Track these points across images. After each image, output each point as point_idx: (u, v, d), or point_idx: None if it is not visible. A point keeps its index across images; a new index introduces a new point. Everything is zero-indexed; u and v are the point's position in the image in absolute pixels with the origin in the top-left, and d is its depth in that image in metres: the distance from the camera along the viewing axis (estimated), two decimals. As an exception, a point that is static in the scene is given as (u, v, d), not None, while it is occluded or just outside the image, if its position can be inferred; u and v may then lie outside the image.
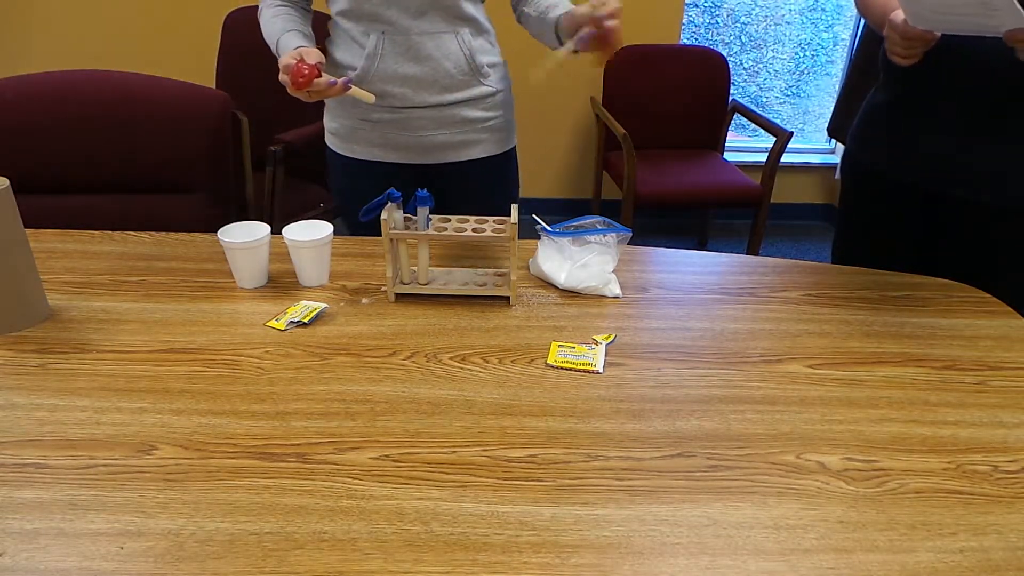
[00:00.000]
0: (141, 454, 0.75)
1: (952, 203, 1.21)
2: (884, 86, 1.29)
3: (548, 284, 1.12)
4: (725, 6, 3.23)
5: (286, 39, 1.20)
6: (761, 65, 3.37)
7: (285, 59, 1.12)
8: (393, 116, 1.28)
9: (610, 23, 1.04)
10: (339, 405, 0.84)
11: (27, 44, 3.03)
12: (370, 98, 1.17)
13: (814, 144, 3.48)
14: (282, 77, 1.12)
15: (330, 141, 1.38)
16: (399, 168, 1.35)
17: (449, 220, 1.06)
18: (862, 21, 3.00)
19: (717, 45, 3.30)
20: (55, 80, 1.59)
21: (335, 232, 1.10)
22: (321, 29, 1.28)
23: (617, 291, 1.09)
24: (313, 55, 1.11)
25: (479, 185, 1.39)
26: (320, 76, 1.09)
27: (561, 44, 1.21)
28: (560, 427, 0.81)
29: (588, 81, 3.11)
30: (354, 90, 1.14)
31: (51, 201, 1.57)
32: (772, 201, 2.74)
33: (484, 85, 1.31)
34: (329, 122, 1.37)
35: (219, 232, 1.06)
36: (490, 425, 0.81)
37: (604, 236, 1.12)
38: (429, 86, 1.26)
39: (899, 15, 1.02)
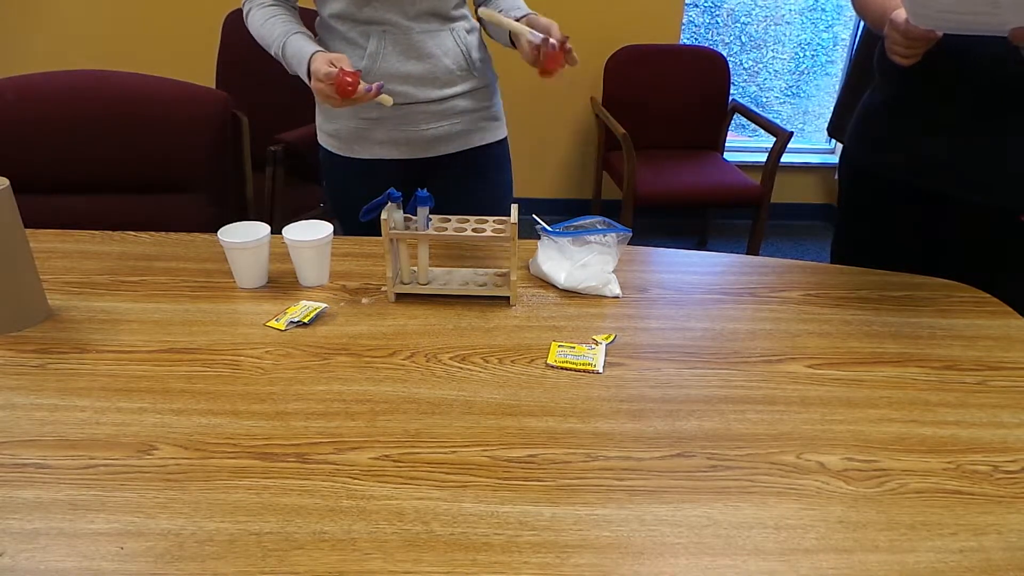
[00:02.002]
0: (141, 454, 0.75)
1: (949, 203, 1.21)
2: (880, 87, 1.29)
3: (548, 284, 1.12)
4: (725, 6, 3.23)
5: (296, 42, 1.19)
6: (761, 65, 3.37)
7: (321, 67, 1.10)
8: (395, 113, 1.30)
9: (566, 46, 1.11)
10: (339, 405, 0.84)
11: (27, 44, 3.03)
12: (389, 101, 1.17)
13: (814, 144, 3.48)
14: (319, 86, 1.11)
15: (328, 144, 1.38)
16: (401, 164, 1.36)
17: (449, 220, 1.06)
18: (862, 21, 3.01)
19: (717, 45, 3.30)
20: (55, 80, 1.59)
21: (334, 232, 1.10)
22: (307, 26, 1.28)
23: (617, 291, 1.09)
24: (346, 61, 1.12)
25: (479, 173, 1.41)
26: (359, 84, 1.10)
27: (512, 42, 1.25)
28: (560, 427, 0.81)
29: (588, 81, 3.11)
30: (381, 95, 1.15)
31: (51, 201, 1.57)
32: (772, 201, 2.73)
33: (475, 78, 1.35)
34: (326, 125, 1.37)
35: (219, 232, 1.06)
36: (490, 425, 0.81)
37: (604, 236, 1.12)
38: (430, 82, 1.28)
39: (900, 14, 1.01)
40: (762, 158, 2.76)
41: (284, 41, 1.20)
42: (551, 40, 1.09)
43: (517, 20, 1.23)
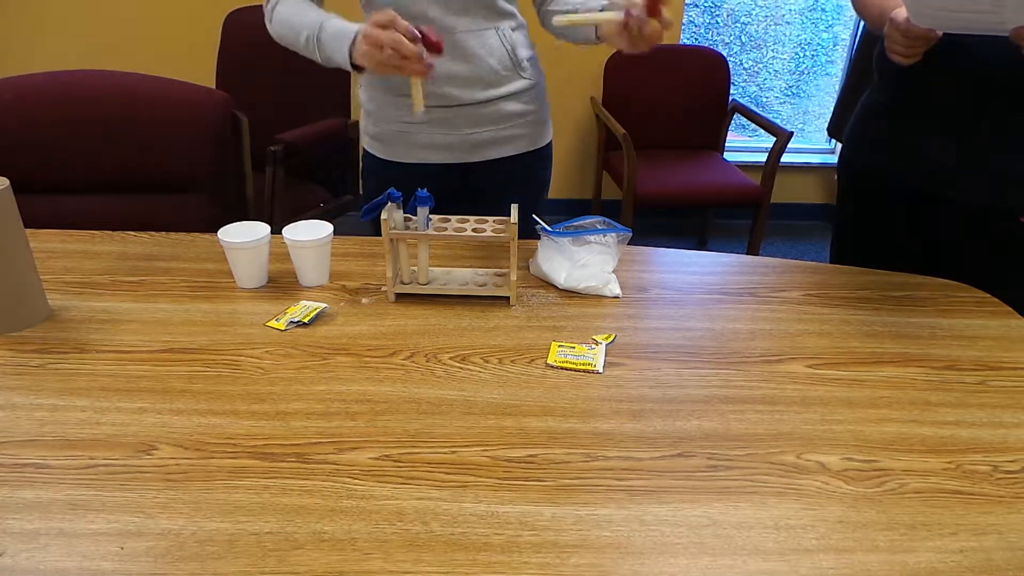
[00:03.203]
0: (141, 454, 0.75)
1: (949, 204, 1.21)
2: (878, 87, 1.29)
3: (548, 284, 1.12)
4: (725, 6, 3.23)
5: (336, 23, 1.12)
6: (761, 65, 3.37)
7: (394, 33, 1.00)
8: (439, 116, 1.28)
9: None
10: (339, 405, 0.84)
11: (27, 44, 3.03)
12: (419, 105, 1.07)
13: (814, 144, 3.48)
14: (387, 54, 1.00)
15: (371, 147, 1.36)
16: (443, 168, 1.33)
17: (449, 220, 1.06)
18: (862, 21, 3.00)
19: (717, 45, 3.30)
20: (55, 80, 1.59)
21: (339, 232, 1.10)
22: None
23: (617, 291, 1.09)
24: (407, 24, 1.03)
25: (522, 179, 1.39)
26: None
27: (597, 37, 1.15)
28: (560, 427, 0.81)
29: (588, 81, 3.11)
30: (419, 84, 1.06)
31: (51, 201, 1.57)
32: (772, 201, 2.74)
33: (523, 78, 1.31)
34: (370, 127, 1.35)
35: (219, 232, 1.06)
36: (490, 425, 0.81)
37: (604, 236, 1.12)
38: (474, 83, 1.26)
39: (900, 13, 1.01)
40: (762, 158, 2.76)
41: (321, 23, 1.13)
42: (633, 6, 0.98)
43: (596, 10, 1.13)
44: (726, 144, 3.09)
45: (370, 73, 1.13)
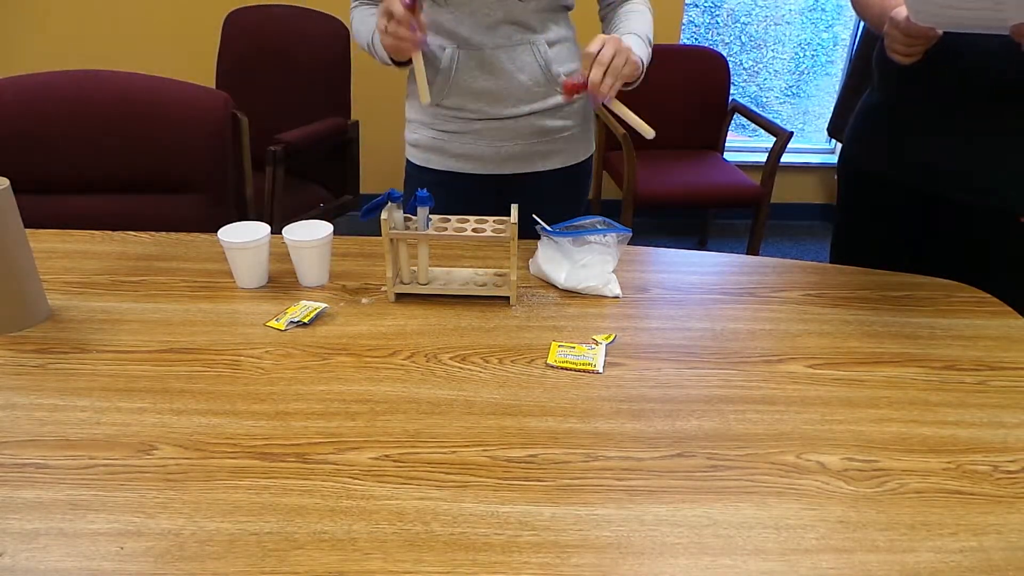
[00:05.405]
0: (141, 454, 0.76)
1: (948, 204, 1.21)
2: (878, 87, 1.29)
3: (548, 284, 1.12)
4: (725, 6, 3.23)
5: None
6: (761, 65, 3.37)
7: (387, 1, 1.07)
8: (468, 128, 1.27)
9: (592, 74, 1.06)
10: (339, 405, 0.84)
11: (27, 44, 3.03)
12: (425, 95, 1.14)
13: (814, 144, 3.48)
14: (384, 22, 1.08)
15: (410, 154, 1.37)
16: (477, 179, 1.33)
17: (449, 220, 1.06)
18: (862, 21, 3.00)
19: (717, 45, 3.30)
20: (55, 80, 1.59)
21: (339, 232, 1.10)
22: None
23: (617, 291, 1.09)
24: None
25: (553, 196, 1.37)
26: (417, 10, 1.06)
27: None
28: (560, 427, 0.81)
29: (588, 81, 3.11)
30: (423, 72, 1.11)
31: (51, 201, 1.57)
32: (772, 201, 2.73)
33: (560, 94, 1.28)
34: (409, 135, 1.36)
35: (219, 232, 1.06)
36: (490, 425, 0.81)
37: (604, 236, 1.12)
38: (503, 99, 1.25)
39: (901, 12, 1.01)
40: (762, 158, 2.77)
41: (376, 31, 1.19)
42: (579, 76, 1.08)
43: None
44: (726, 144, 3.09)
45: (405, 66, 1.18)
